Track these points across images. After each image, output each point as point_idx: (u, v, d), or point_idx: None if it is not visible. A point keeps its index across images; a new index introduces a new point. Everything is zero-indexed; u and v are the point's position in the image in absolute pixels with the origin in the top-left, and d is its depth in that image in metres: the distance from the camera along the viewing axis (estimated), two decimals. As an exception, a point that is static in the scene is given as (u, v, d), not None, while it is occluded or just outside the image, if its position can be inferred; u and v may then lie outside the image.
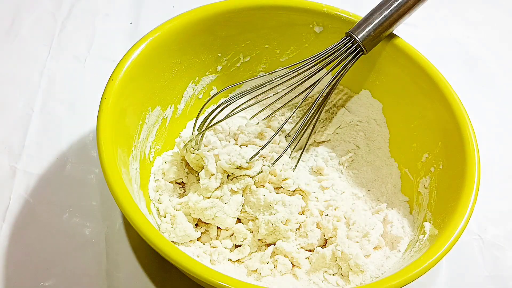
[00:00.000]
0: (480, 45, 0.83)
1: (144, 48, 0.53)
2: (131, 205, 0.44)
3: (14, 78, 0.69)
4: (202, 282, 0.43)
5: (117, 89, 0.50)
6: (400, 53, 0.58)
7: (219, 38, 0.60)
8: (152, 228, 0.43)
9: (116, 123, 0.49)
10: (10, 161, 0.61)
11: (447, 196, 0.51)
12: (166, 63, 0.57)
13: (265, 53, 0.64)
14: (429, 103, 0.57)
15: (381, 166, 0.62)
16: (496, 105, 0.76)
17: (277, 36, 0.63)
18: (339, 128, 0.65)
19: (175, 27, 0.56)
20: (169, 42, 0.56)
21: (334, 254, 0.51)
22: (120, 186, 0.45)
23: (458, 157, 0.52)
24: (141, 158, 0.55)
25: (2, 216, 0.56)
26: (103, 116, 0.48)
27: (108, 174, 0.45)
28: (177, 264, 0.42)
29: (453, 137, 0.53)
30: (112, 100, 0.49)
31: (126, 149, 0.51)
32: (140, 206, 0.46)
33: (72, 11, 0.77)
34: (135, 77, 0.52)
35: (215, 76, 0.63)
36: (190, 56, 0.59)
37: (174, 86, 0.59)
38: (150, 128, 0.57)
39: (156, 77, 0.57)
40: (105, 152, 0.46)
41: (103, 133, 0.47)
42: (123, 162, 0.49)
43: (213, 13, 0.58)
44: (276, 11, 0.60)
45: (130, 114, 0.53)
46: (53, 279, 0.53)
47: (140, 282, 0.54)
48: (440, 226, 0.49)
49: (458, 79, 0.65)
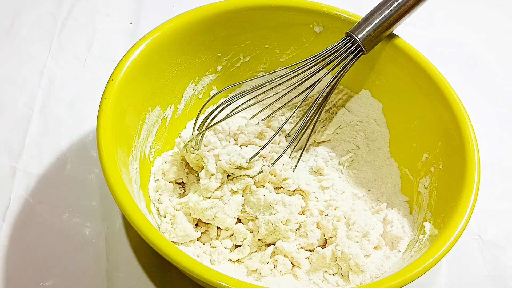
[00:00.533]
0: (480, 45, 0.82)
1: (144, 48, 0.53)
2: (131, 205, 0.44)
3: (14, 78, 0.69)
4: (202, 282, 0.43)
5: (117, 89, 0.50)
6: (400, 53, 0.58)
7: (219, 38, 0.60)
8: (152, 228, 0.43)
9: (116, 123, 0.49)
10: (10, 161, 0.61)
11: (447, 196, 0.51)
12: (166, 63, 0.57)
13: (265, 53, 0.64)
14: (429, 103, 0.57)
15: (381, 166, 0.62)
16: (496, 105, 0.76)
17: (277, 36, 0.63)
18: (339, 128, 0.65)
19: (175, 27, 0.56)
20: (169, 42, 0.56)
21: (334, 254, 0.51)
22: (120, 186, 0.45)
23: (458, 157, 0.52)
24: (141, 158, 0.55)
25: (2, 216, 0.56)
26: (103, 116, 0.48)
27: (108, 174, 0.45)
28: (177, 264, 0.42)
29: (453, 137, 0.53)
30: (112, 100, 0.49)
31: (126, 149, 0.51)
32: (140, 206, 0.46)
33: (72, 11, 0.77)
34: (135, 77, 0.52)
35: (215, 76, 0.63)
36: (190, 56, 0.59)
37: (174, 86, 0.59)
38: (150, 128, 0.57)
39: (156, 77, 0.57)
40: (105, 152, 0.46)
41: (103, 133, 0.47)
42: (123, 162, 0.49)
43: (213, 13, 0.58)
44: (276, 11, 0.60)
45: (130, 114, 0.53)
46: (53, 279, 0.53)
47: (140, 282, 0.54)
48: (440, 226, 0.49)
49: (458, 79, 0.65)
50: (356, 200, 0.60)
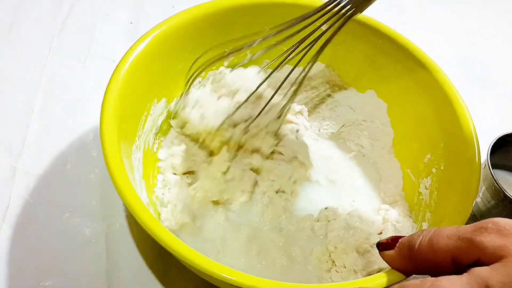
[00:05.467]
0: (481, 45, 0.82)
1: (151, 40, 0.53)
2: (130, 191, 0.43)
3: (14, 78, 0.68)
4: (203, 274, 0.42)
5: (122, 79, 0.49)
6: (406, 55, 0.58)
7: (227, 33, 0.60)
8: (150, 215, 0.42)
9: (120, 112, 0.48)
10: (10, 161, 0.61)
11: (447, 197, 0.51)
12: (172, 56, 0.57)
13: (272, 50, 0.64)
14: (432, 105, 0.57)
15: (384, 166, 0.62)
16: (498, 105, 0.76)
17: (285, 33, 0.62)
18: (344, 127, 0.65)
19: (183, 22, 0.56)
20: (176, 36, 0.56)
21: (328, 250, 0.52)
22: (122, 174, 0.44)
23: (459, 159, 0.51)
24: (145, 149, 0.55)
25: (2, 216, 0.56)
26: (107, 105, 0.47)
27: (110, 162, 0.44)
28: (175, 252, 0.40)
29: (455, 139, 0.53)
30: (117, 90, 0.48)
31: (130, 139, 0.51)
32: (142, 195, 0.45)
33: (72, 11, 0.77)
34: (141, 69, 0.52)
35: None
36: (197, 50, 0.59)
37: (180, 79, 0.59)
38: (155, 120, 0.57)
39: (162, 69, 0.56)
40: (108, 141, 0.45)
41: (106, 122, 0.46)
42: (126, 151, 0.48)
43: (221, 9, 0.58)
44: (284, 8, 0.60)
45: (135, 104, 0.53)
46: (53, 279, 0.53)
47: (140, 282, 0.54)
48: (438, 227, 0.49)
49: (459, 79, 0.65)
50: (356, 199, 0.60)
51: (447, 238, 0.35)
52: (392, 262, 0.39)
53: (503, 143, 0.56)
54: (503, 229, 0.34)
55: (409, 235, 0.39)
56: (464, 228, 0.35)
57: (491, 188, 0.54)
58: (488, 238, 0.33)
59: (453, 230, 0.35)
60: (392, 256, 0.39)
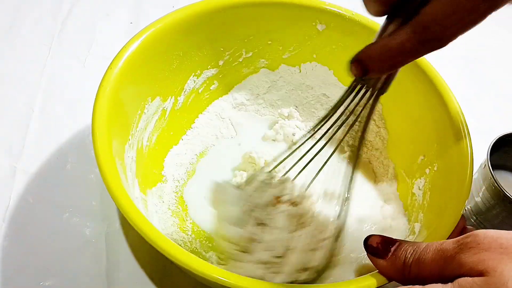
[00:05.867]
0: (480, 45, 0.82)
1: (145, 38, 0.53)
2: (119, 189, 0.42)
3: (14, 78, 0.69)
4: (200, 277, 0.42)
5: (115, 78, 0.49)
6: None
7: (222, 32, 0.60)
8: (140, 215, 0.42)
9: (113, 110, 0.48)
10: (10, 161, 0.61)
11: (439, 198, 0.51)
12: (167, 54, 0.57)
13: (268, 49, 0.64)
14: (427, 106, 0.57)
15: (378, 166, 0.62)
16: (498, 105, 0.76)
17: (280, 33, 0.62)
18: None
19: (178, 19, 0.56)
20: (171, 34, 0.56)
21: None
22: (112, 171, 0.43)
23: (452, 160, 0.51)
24: (138, 147, 0.55)
25: (2, 216, 0.56)
26: (99, 103, 0.47)
27: (101, 161, 0.43)
28: (165, 253, 0.40)
29: (448, 140, 0.52)
30: (110, 88, 0.48)
31: (122, 137, 0.51)
32: (134, 193, 0.45)
33: (72, 11, 0.77)
34: (135, 66, 0.52)
35: (216, 70, 0.63)
36: (192, 49, 0.59)
37: (175, 78, 0.59)
38: (149, 118, 0.57)
39: (157, 67, 0.56)
40: (99, 140, 0.45)
41: (98, 120, 0.46)
42: (118, 150, 0.48)
43: (217, 7, 0.58)
44: (279, 7, 0.60)
45: (128, 102, 0.52)
46: (53, 279, 0.53)
47: (140, 282, 0.54)
48: (429, 227, 0.49)
49: (459, 79, 0.65)
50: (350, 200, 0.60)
51: (431, 256, 0.37)
52: (384, 272, 0.40)
53: (503, 143, 0.56)
54: (481, 243, 0.34)
55: (399, 245, 0.40)
56: (447, 245, 0.36)
57: (491, 188, 0.54)
58: (467, 254, 0.35)
59: (438, 247, 0.37)
60: (384, 267, 0.40)
